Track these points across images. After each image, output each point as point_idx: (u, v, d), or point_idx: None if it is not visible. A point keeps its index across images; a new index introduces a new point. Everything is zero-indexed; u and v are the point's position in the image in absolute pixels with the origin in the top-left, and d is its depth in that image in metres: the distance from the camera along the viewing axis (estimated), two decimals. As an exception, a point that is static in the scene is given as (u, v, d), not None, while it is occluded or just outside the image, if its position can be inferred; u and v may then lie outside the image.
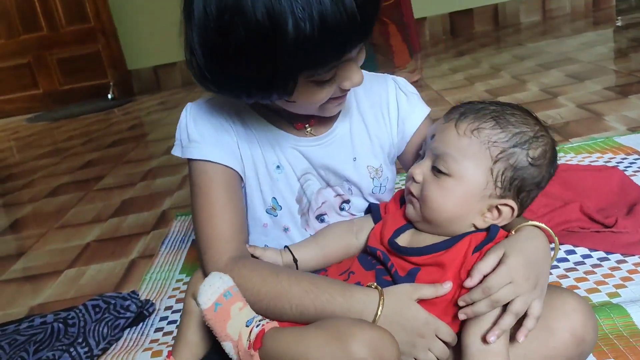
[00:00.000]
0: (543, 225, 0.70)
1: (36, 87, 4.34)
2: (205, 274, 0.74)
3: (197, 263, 1.26)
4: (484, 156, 0.70)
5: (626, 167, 1.31)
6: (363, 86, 0.77)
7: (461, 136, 0.71)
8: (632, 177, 1.23)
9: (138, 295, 1.11)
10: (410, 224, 0.79)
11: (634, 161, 1.33)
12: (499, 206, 0.71)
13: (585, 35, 3.21)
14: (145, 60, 4.26)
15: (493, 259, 0.65)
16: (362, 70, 0.72)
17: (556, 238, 0.71)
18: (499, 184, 0.70)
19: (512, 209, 0.71)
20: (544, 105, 1.93)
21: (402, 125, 0.86)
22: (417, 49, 3.74)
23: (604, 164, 1.35)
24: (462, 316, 0.66)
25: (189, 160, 0.79)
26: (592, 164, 1.36)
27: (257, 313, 0.71)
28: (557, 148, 1.40)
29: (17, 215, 1.96)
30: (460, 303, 0.66)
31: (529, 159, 0.70)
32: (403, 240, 0.76)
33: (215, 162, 0.77)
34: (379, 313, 0.66)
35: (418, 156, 0.82)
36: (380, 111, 0.85)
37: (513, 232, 0.69)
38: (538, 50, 3.02)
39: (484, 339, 0.64)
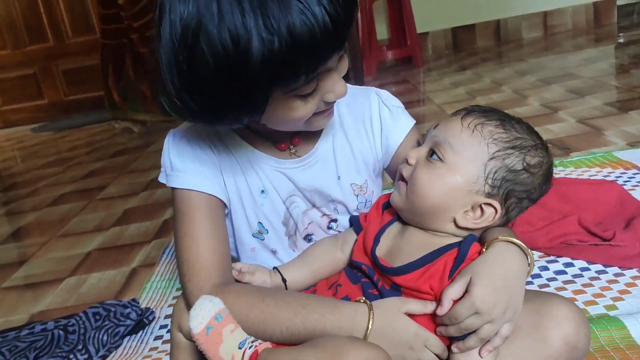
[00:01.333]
0: (516, 240, 0.68)
1: (41, 98, 4.38)
2: (189, 302, 0.73)
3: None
4: (482, 151, 0.70)
5: (625, 181, 1.32)
6: (346, 100, 0.77)
7: (465, 128, 0.72)
8: (630, 192, 1.24)
9: (138, 303, 1.12)
10: (391, 222, 0.78)
11: (632, 176, 1.34)
12: (483, 206, 0.70)
13: (586, 51, 3.23)
14: (150, 72, 4.30)
15: (460, 284, 0.64)
16: (346, 84, 0.71)
17: (531, 253, 0.68)
18: (489, 181, 0.69)
19: (495, 210, 0.70)
20: (545, 120, 1.94)
21: (385, 140, 0.84)
22: (420, 64, 3.78)
23: (603, 178, 1.35)
24: (438, 333, 0.67)
25: (173, 188, 0.79)
26: (592, 177, 1.37)
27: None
28: (557, 162, 1.41)
29: (20, 224, 1.98)
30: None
31: (525, 164, 0.70)
32: (384, 246, 0.76)
33: (199, 191, 0.76)
34: (369, 327, 0.66)
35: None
36: (363, 126, 0.84)
37: (484, 250, 0.67)
38: (539, 66, 3.04)
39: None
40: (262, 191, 0.80)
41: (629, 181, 1.32)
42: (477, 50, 4.05)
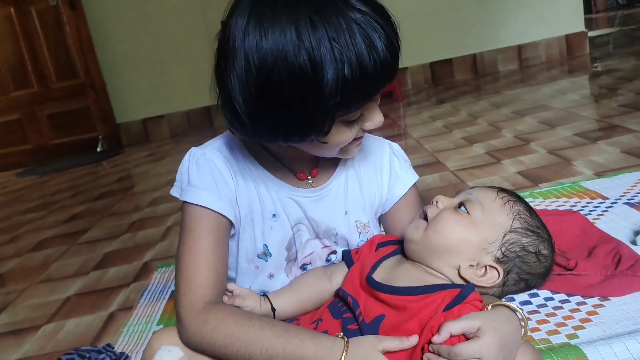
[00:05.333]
0: (517, 307, 0.72)
1: (26, 142, 4.38)
2: (181, 315, 0.77)
3: (175, 314, 1.28)
4: (506, 221, 0.78)
5: (590, 210, 1.35)
6: (362, 145, 0.86)
7: (498, 198, 0.80)
8: (595, 221, 1.27)
9: (113, 348, 1.12)
10: (387, 256, 0.83)
11: (598, 205, 1.38)
12: (488, 267, 0.77)
13: (559, 82, 3.32)
14: (134, 114, 4.34)
15: (466, 323, 0.67)
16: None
17: (527, 323, 0.73)
18: (502, 249, 0.77)
19: (498, 275, 0.77)
20: (517, 152, 1.99)
21: (392, 187, 0.92)
22: (399, 98, 3.85)
23: (569, 208, 1.39)
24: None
25: (184, 202, 0.82)
26: (559, 208, 1.40)
27: (227, 357, 0.73)
28: (527, 193, 1.48)
29: (1, 270, 1.97)
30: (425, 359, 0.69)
31: (537, 249, 0.78)
32: (379, 274, 0.80)
33: (210, 209, 0.80)
34: (342, 358, 0.69)
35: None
36: (374, 170, 0.92)
37: (489, 308, 0.71)
38: (514, 98, 3.12)
39: None
40: (274, 215, 0.85)
41: (595, 210, 1.35)
42: (455, 83, 4.15)
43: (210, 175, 0.82)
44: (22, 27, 4.16)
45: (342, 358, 0.69)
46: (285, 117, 0.69)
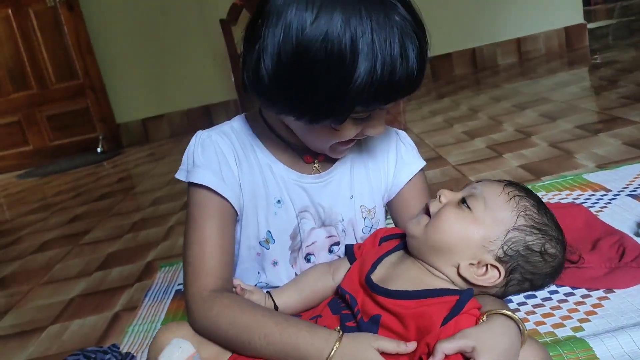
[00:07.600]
0: (515, 316, 0.69)
1: (26, 144, 4.39)
2: (188, 303, 0.79)
3: (179, 313, 1.28)
4: (510, 218, 0.75)
5: (593, 203, 1.35)
6: None
7: (504, 193, 0.77)
8: (598, 213, 1.27)
9: (118, 348, 1.12)
10: (389, 252, 0.83)
11: (601, 197, 1.38)
12: (489, 266, 0.74)
13: (559, 75, 3.31)
14: (134, 114, 4.34)
15: (459, 344, 0.64)
16: None
17: (525, 328, 0.69)
18: (504, 247, 0.74)
19: (499, 275, 0.74)
20: (518, 145, 1.99)
21: (398, 172, 0.92)
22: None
23: (572, 200, 1.39)
24: None
25: (190, 185, 0.84)
26: (562, 201, 1.40)
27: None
28: (529, 187, 1.47)
29: (4, 273, 1.97)
30: None
31: (542, 248, 0.75)
32: (379, 273, 0.80)
33: (214, 192, 0.81)
34: (334, 349, 0.69)
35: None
36: (380, 155, 0.92)
37: (484, 319, 0.68)
38: (514, 91, 3.11)
39: None
40: (279, 201, 0.86)
41: (597, 203, 1.35)
42: (455, 78, 4.14)
43: (215, 157, 0.83)
44: (20, 28, 4.16)
45: (334, 348, 0.69)
46: (306, 95, 0.70)
